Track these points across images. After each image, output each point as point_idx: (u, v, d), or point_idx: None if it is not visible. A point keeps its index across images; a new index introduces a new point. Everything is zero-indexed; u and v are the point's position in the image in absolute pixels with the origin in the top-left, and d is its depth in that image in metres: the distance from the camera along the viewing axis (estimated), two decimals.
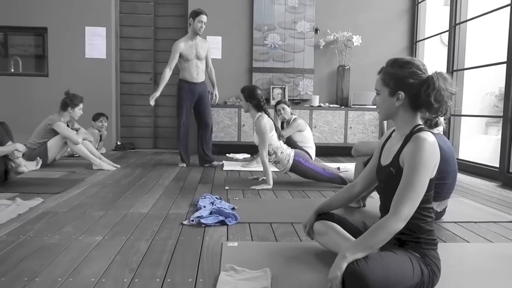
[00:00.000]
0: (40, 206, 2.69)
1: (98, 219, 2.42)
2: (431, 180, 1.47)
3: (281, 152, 3.45)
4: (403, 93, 1.49)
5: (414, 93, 1.48)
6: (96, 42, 5.67)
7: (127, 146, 5.94)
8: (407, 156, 1.44)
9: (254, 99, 3.41)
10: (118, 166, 4.38)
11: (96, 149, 4.98)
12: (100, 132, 5.35)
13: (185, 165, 4.49)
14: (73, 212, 2.57)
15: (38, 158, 3.81)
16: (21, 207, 2.60)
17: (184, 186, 3.44)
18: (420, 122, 1.53)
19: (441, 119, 1.61)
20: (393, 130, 1.64)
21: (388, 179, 1.53)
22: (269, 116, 3.45)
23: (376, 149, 1.71)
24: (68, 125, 4.36)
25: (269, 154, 3.44)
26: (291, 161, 3.44)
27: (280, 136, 3.51)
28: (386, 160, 1.59)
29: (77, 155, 4.79)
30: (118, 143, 5.97)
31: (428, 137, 1.44)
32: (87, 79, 5.70)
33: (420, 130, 1.48)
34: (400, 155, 1.49)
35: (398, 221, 1.38)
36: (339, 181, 3.51)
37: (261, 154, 3.34)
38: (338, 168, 3.74)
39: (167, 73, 4.23)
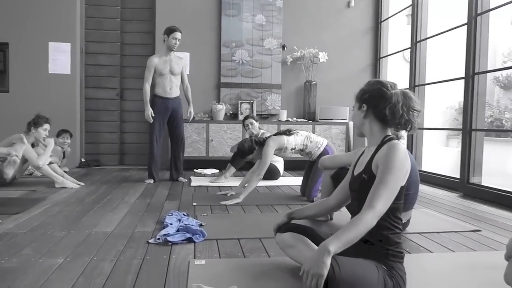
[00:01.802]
0: None
1: (60, 240, 2.32)
2: (401, 187, 1.49)
3: (310, 142, 3.42)
4: (366, 106, 1.60)
5: (375, 106, 1.59)
6: (60, 58, 5.49)
7: (92, 163, 5.76)
8: (381, 159, 1.49)
9: (250, 147, 3.47)
10: (82, 183, 4.23)
11: (59, 166, 4.81)
12: (63, 149, 5.18)
13: (152, 181, 4.35)
14: (33, 233, 2.45)
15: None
16: None
17: (151, 203, 3.36)
18: (390, 134, 1.60)
19: (402, 133, 1.62)
20: (365, 149, 1.70)
21: (361, 186, 1.56)
22: (278, 134, 3.44)
23: (351, 165, 1.75)
24: (34, 145, 4.18)
25: (301, 150, 3.43)
26: (321, 149, 3.41)
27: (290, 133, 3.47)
28: (358, 169, 1.63)
29: (41, 174, 4.61)
30: (82, 160, 5.77)
31: (400, 144, 1.51)
32: (50, 95, 5.50)
33: (391, 139, 1.56)
34: (372, 161, 1.54)
35: (374, 214, 1.39)
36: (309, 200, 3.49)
37: (256, 175, 3.29)
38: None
39: (147, 88, 4.25)
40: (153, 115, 4.25)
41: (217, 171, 5.33)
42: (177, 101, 4.44)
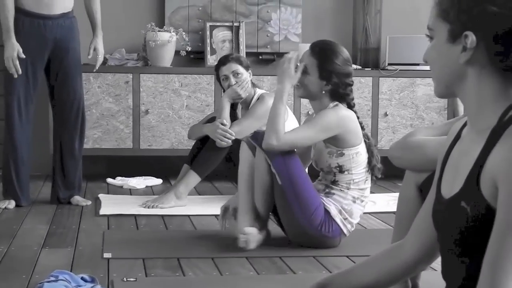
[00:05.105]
0: None
1: None
2: None
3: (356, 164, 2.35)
4: (473, 35, 0.91)
5: (499, 34, 0.91)
6: None
7: None
8: (502, 173, 0.91)
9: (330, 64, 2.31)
10: None
11: None
12: None
13: (12, 205, 3.22)
14: None
15: None
16: None
17: (10, 253, 2.59)
18: None
19: None
20: (464, 126, 1.05)
21: (460, 229, 0.98)
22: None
23: (437, 166, 1.11)
24: None
25: (328, 172, 2.30)
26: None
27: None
28: (451, 186, 1.00)
29: None
30: None
31: None
32: None
33: None
34: (481, 170, 0.93)
35: None
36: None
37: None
38: None
39: None
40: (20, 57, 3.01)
41: (158, 181, 3.89)
42: (67, 23, 3.19)
